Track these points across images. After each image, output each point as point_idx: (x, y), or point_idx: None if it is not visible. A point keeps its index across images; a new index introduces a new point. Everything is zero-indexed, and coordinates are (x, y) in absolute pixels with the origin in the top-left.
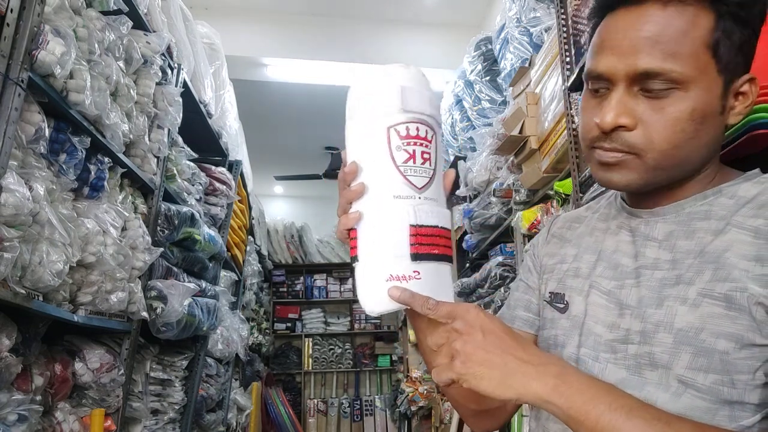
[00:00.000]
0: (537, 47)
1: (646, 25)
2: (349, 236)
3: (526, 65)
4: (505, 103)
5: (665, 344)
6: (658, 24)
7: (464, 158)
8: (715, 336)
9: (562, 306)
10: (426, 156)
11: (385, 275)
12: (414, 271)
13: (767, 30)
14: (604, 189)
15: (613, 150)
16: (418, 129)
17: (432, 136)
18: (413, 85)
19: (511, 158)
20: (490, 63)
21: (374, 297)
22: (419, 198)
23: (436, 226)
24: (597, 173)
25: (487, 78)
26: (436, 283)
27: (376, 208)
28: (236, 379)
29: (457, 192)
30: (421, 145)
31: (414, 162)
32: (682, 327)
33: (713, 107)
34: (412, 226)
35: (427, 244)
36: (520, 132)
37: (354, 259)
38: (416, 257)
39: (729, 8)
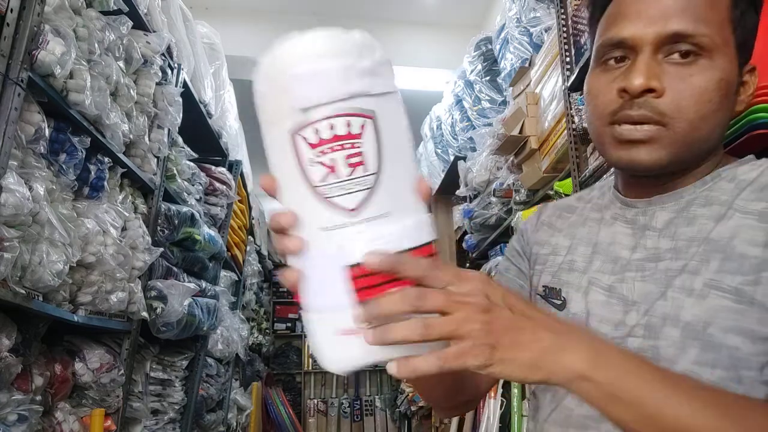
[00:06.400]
0: (537, 47)
1: None
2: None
3: (526, 65)
4: (505, 103)
5: (672, 338)
6: None
7: (464, 158)
8: (725, 331)
9: (559, 302)
10: (355, 160)
11: (333, 330)
12: None
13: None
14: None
15: (642, 120)
16: (332, 126)
17: (365, 126)
18: (314, 65)
19: (511, 158)
20: (490, 63)
21: (329, 356)
22: (355, 224)
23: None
24: (617, 152)
25: (487, 78)
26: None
27: (303, 248)
28: (236, 379)
29: (457, 192)
30: (346, 147)
31: (337, 175)
32: (689, 320)
33: (733, 83)
34: (350, 267)
35: (378, 285)
36: (520, 132)
37: (299, 306)
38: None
39: None
